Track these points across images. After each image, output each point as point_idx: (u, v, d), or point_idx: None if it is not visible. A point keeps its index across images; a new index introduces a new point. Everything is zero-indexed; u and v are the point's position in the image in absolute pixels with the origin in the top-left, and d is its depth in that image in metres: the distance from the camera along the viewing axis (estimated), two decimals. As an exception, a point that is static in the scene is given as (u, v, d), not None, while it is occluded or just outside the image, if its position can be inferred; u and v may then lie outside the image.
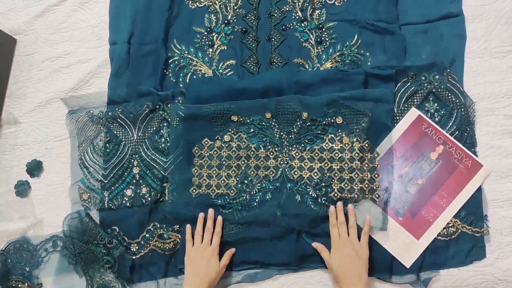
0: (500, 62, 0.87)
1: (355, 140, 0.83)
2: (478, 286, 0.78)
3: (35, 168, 0.94)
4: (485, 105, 0.85)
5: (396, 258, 0.79)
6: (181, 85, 0.93)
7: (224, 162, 0.86)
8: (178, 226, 0.85)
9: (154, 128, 0.90)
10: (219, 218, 0.82)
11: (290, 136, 0.85)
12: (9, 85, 1.00)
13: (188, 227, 0.83)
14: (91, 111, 0.94)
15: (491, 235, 0.79)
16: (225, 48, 0.95)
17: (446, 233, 0.80)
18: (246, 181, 0.84)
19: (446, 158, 0.81)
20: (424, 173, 0.81)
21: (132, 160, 0.89)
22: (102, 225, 0.87)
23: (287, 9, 0.96)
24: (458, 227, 0.80)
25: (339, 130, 0.84)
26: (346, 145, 0.84)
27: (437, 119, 0.84)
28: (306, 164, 0.84)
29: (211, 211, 0.83)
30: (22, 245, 0.88)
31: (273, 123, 0.86)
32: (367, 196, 0.81)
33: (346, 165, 0.83)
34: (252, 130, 0.87)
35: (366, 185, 0.82)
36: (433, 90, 0.85)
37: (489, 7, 0.90)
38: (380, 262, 0.79)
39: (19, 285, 0.86)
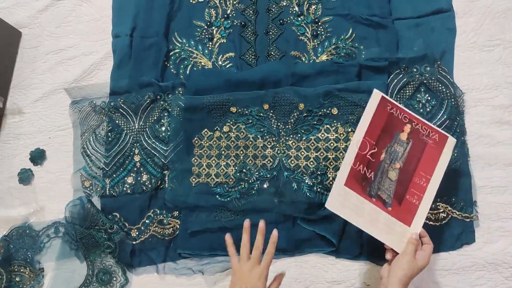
0: (488, 55, 0.91)
1: (349, 130, 0.86)
2: (468, 270, 0.80)
3: (38, 157, 0.96)
4: (474, 96, 0.88)
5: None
6: (181, 77, 0.96)
7: (223, 152, 0.88)
8: (177, 212, 0.88)
9: (155, 118, 0.93)
10: (274, 233, 0.72)
11: (287, 127, 0.88)
12: (14, 77, 1.03)
13: (229, 239, 0.74)
14: (94, 102, 0.96)
15: (480, 220, 0.82)
16: (225, 41, 0.98)
17: (436, 218, 0.82)
18: (244, 170, 0.87)
19: (415, 136, 0.77)
20: (399, 156, 0.77)
21: (133, 149, 0.92)
22: (103, 212, 0.89)
23: (284, 4, 0.99)
24: (449, 212, 0.82)
25: (335, 121, 0.87)
26: (341, 135, 0.86)
27: (428, 109, 0.87)
28: (302, 153, 0.86)
29: (262, 224, 0.73)
30: (25, 230, 0.90)
31: (270, 114, 0.89)
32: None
33: (341, 154, 0.85)
34: (250, 120, 0.89)
35: (360, 174, 0.84)
36: (425, 81, 0.88)
37: (478, 3, 0.94)
38: (373, 246, 0.81)
39: (21, 270, 0.88)
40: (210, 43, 0.98)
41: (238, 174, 0.87)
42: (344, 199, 0.75)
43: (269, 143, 0.88)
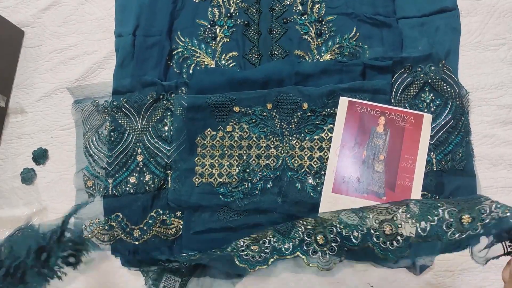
0: (493, 54, 0.90)
1: (353, 130, 0.86)
2: (473, 271, 0.79)
3: (40, 156, 0.96)
4: (479, 95, 0.88)
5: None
6: (184, 76, 0.96)
7: (226, 152, 0.88)
8: (180, 212, 0.87)
9: (158, 117, 0.93)
10: None
11: (290, 126, 0.88)
12: (16, 76, 1.03)
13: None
14: (97, 101, 0.96)
15: (485, 221, 0.81)
16: (228, 41, 0.98)
17: (441, 218, 0.81)
18: (247, 170, 0.86)
19: (391, 125, 0.84)
20: (381, 148, 0.83)
21: (136, 148, 0.91)
22: (105, 211, 0.89)
23: (288, 3, 0.99)
24: (453, 213, 0.81)
25: (338, 120, 0.87)
26: (345, 135, 0.86)
27: (432, 109, 0.86)
28: (306, 153, 0.86)
29: None
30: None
31: (274, 114, 0.89)
32: (365, 184, 0.83)
33: (344, 154, 0.85)
34: (253, 120, 0.89)
35: (364, 174, 0.84)
36: (429, 81, 0.87)
37: (483, 2, 0.93)
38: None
39: (24, 271, 0.88)
40: (213, 42, 0.98)
41: (241, 174, 0.86)
42: (334, 204, 0.81)
43: (272, 143, 0.87)
